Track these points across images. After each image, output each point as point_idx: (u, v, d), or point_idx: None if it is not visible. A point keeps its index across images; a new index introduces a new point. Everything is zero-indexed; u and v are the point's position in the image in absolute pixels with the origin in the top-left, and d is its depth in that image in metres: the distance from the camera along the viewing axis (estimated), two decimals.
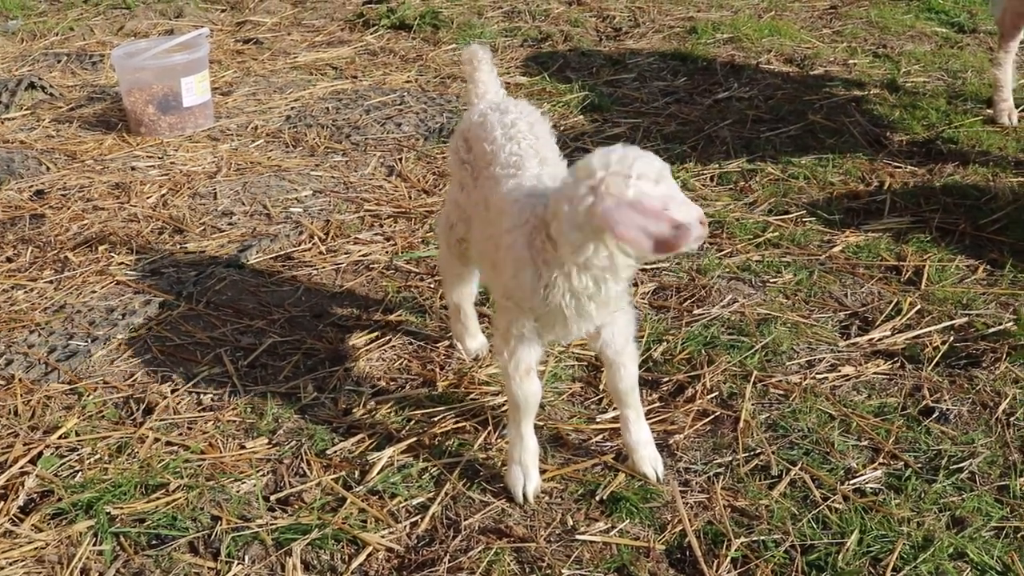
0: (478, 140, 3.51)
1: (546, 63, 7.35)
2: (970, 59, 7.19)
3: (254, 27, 8.49)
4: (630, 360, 3.37)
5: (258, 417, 3.83)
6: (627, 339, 3.35)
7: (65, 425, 3.78)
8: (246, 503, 3.42)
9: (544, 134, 3.49)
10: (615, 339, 3.32)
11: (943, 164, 5.61)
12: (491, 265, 3.35)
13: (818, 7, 8.56)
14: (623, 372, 3.37)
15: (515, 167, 3.31)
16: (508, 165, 3.34)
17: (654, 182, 2.80)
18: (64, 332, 4.36)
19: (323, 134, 6.29)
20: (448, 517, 3.34)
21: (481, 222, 3.45)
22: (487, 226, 3.37)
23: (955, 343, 4.11)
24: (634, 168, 2.79)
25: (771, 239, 4.92)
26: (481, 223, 3.45)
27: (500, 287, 3.24)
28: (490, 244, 3.31)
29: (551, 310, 3.09)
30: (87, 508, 3.38)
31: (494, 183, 3.35)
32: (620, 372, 3.36)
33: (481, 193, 3.46)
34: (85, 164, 5.98)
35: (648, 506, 3.33)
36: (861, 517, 3.26)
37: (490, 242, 3.31)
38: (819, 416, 3.73)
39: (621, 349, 3.33)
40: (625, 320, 3.34)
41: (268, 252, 4.95)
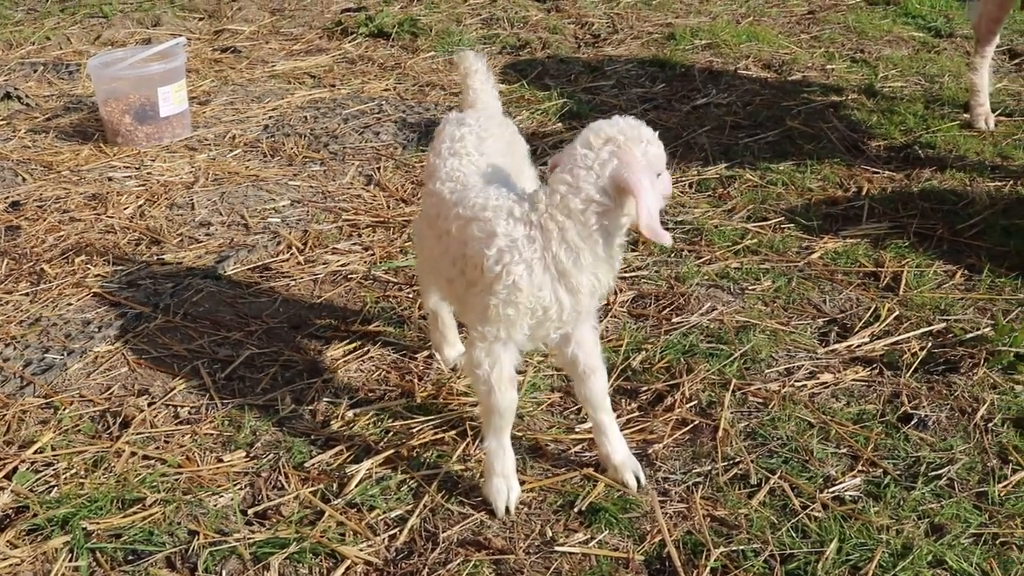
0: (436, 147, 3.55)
1: (524, 70, 7.34)
2: (947, 64, 7.22)
3: (232, 36, 8.46)
4: (601, 363, 3.38)
5: (235, 430, 3.80)
6: (595, 340, 3.37)
7: (40, 440, 3.75)
8: (223, 517, 3.39)
9: (495, 151, 3.48)
10: (585, 340, 3.33)
11: (921, 169, 5.63)
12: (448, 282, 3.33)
13: (796, 12, 8.59)
14: (598, 374, 3.38)
15: (459, 183, 3.32)
16: (449, 179, 3.35)
17: (657, 146, 3.02)
18: (40, 345, 4.33)
19: (301, 143, 6.27)
20: (427, 529, 3.32)
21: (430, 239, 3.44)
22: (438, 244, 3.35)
23: (933, 349, 4.12)
24: (644, 133, 2.99)
25: (750, 246, 4.92)
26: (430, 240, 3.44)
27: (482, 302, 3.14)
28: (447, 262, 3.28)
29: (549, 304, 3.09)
30: (63, 524, 3.35)
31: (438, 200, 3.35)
32: (595, 375, 3.37)
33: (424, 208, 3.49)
34: (61, 175, 5.94)
35: (627, 516, 3.32)
36: (840, 525, 3.26)
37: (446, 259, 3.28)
38: (798, 424, 3.73)
39: (591, 351, 3.35)
40: (591, 325, 3.36)
41: (246, 263, 4.92)
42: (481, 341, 3.20)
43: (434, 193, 3.39)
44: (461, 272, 3.21)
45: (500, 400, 3.23)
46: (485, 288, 3.10)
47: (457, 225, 3.20)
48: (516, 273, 3.03)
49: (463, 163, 3.38)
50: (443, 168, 3.39)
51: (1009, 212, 5.10)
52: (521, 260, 3.03)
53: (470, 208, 3.16)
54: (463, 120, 3.56)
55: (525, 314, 3.11)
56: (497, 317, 3.13)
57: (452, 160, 3.40)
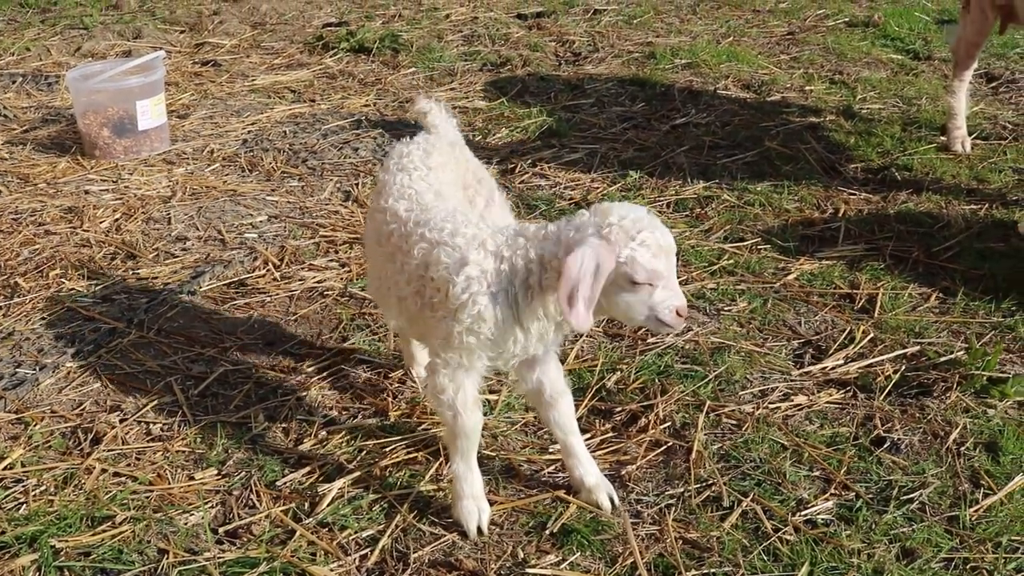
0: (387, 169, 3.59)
1: (505, 88, 7.35)
2: (925, 86, 7.26)
3: (213, 49, 8.45)
4: (566, 387, 3.41)
5: (208, 447, 3.78)
6: (558, 367, 3.41)
7: (10, 456, 3.72)
8: (194, 536, 3.37)
9: (439, 164, 3.52)
10: (549, 368, 3.37)
11: (897, 192, 5.66)
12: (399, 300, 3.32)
13: (776, 33, 8.63)
14: (566, 399, 3.39)
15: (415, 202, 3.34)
16: (401, 197, 3.37)
17: (652, 254, 2.91)
18: (12, 360, 4.30)
19: (280, 158, 6.26)
20: (398, 550, 3.31)
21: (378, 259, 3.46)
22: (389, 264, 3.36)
23: (907, 372, 4.13)
24: (642, 233, 2.91)
25: (726, 267, 4.93)
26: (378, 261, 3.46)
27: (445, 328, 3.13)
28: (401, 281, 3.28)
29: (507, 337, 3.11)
30: (31, 541, 3.32)
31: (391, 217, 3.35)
32: (563, 399, 3.38)
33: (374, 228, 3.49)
34: (38, 187, 5.92)
35: (599, 538, 3.32)
36: (812, 549, 3.26)
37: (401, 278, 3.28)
38: (771, 446, 3.73)
39: (556, 378, 3.38)
40: (552, 352, 3.39)
41: (221, 278, 4.91)
42: (444, 367, 3.21)
43: (385, 210, 3.39)
44: (417, 292, 3.21)
45: (466, 423, 3.23)
46: (448, 314, 3.10)
47: (420, 247, 3.19)
48: (481, 304, 3.04)
49: (413, 179, 3.40)
50: (393, 185, 3.42)
51: (984, 235, 5.13)
52: (487, 292, 3.04)
53: (438, 232, 3.16)
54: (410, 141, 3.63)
55: (486, 344, 3.12)
56: (459, 344, 3.13)
57: (401, 176, 3.43)
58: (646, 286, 2.93)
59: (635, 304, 2.97)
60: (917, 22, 8.75)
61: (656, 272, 2.92)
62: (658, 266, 2.92)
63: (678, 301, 2.96)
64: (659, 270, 2.92)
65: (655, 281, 2.93)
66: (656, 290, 2.94)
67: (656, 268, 2.91)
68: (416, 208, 3.31)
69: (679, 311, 2.96)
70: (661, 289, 2.94)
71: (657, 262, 2.91)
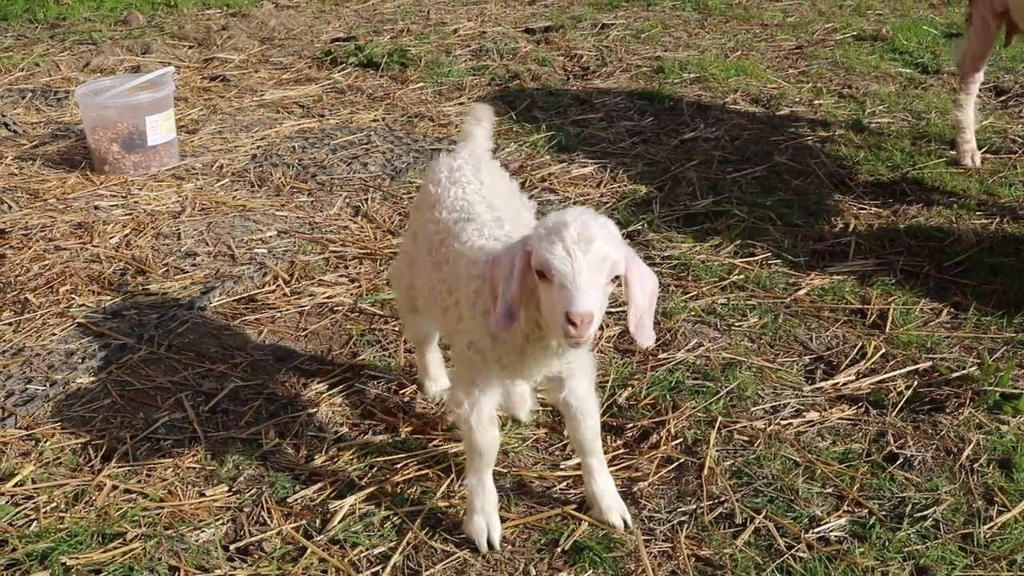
0: (426, 184, 3.57)
1: (513, 102, 7.36)
2: (934, 100, 7.25)
3: (221, 64, 8.46)
4: (593, 409, 3.34)
5: (219, 464, 3.78)
6: (589, 388, 3.32)
7: (21, 472, 3.72)
8: (205, 552, 3.36)
9: (491, 180, 3.51)
10: (577, 388, 3.28)
11: (907, 206, 5.65)
12: (443, 310, 3.32)
13: (784, 47, 8.62)
14: (588, 422, 3.34)
15: (463, 212, 3.32)
16: (455, 209, 3.34)
17: (551, 243, 2.71)
18: (22, 376, 4.30)
19: (289, 173, 6.26)
20: (410, 567, 3.30)
21: (427, 268, 3.44)
22: (436, 272, 3.35)
23: (919, 388, 4.11)
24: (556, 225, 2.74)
25: (736, 282, 4.92)
26: (427, 269, 3.43)
27: (461, 336, 3.20)
28: (443, 290, 3.29)
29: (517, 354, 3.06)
30: (42, 558, 3.31)
31: (442, 228, 3.35)
32: (584, 423, 3.33)
33: (425, 237, 3.45)
34: (48, 203, 5.92)
35: (612, 555, 3.30)
36: (825, 566, 3.24)
37: (443, 287, 3.29)
38: (784, 463, 3.72)
39: (584, 397, 3.30)
40: (587, 365, 3.31)
41: (232, 294, 4.90)
42: (459, 382, 3.22)
43: (439, 221, 3.37)
44: (456, 303, 3.22)
45: (480, 440, 3.22)
46: (465, 327, 3.11)
47: (453, 256, 3.22)
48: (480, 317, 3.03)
49: (467, 192, 3.39)
50: (447, 197, 3.40)
51: (995, 250, 5.11)
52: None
53: (464, 243, 3.19)
54: (456, 154, 3.61)
55: (493, 361, 3.10)
56: (469, 359, 3.14)
57: (455, 189, 3.41)
58: (555, 284, 2.71)
59: (546, 303, 2.78)
60: (925, 36, 8.74)
61: (548, 263, 2.69)
62: (553, 258, 2.68)
63: (570, 304, 2.66)
64: (552, 262, 2.68)
65: (552, 275, 2.70)
66: (555, 288, 2.71)
67: (548, 259, 2.69)
68: (462, 217, 3.30)
69: (569, 316, 2.65)
70: (559, 287, 2.69)
71: (554, 251, 2.69)
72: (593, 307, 2.67)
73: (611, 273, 2.75)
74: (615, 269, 2.76)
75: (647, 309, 2.89)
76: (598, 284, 2.71)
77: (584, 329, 2.65)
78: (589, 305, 2.66)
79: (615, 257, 2.74)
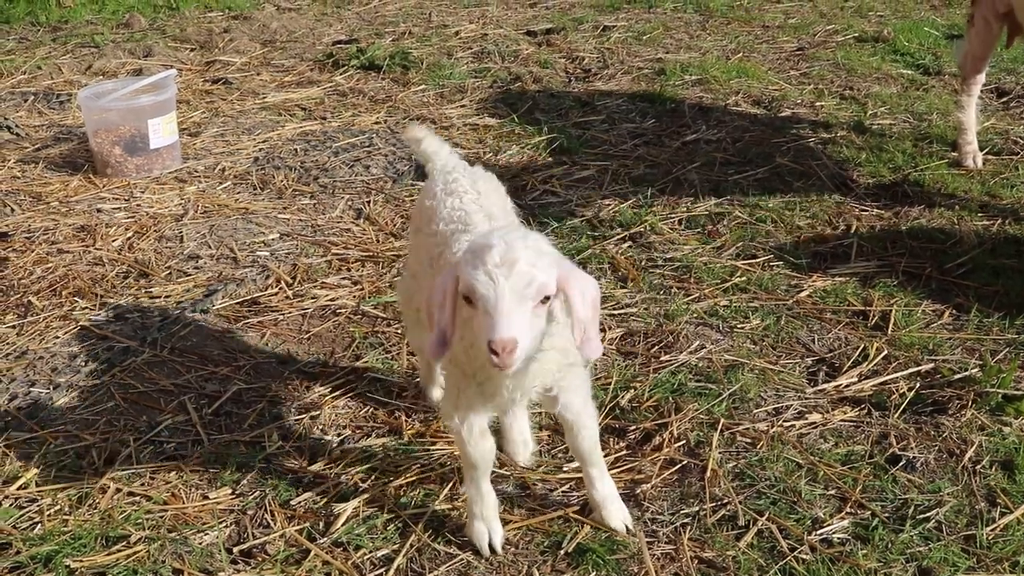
0: (422, 198, 3.53)
1: (515, 104, 7.36)
2: (935, 101, 7.25)
3: (223, 67, 8.47)
4: (590, 420, 3.28)
5: (221, 467, 3.78)
6: (584, 399, 3.25)
7: (25, 475, 3.73)
8: (208, 555, 3.37)
9: (488, 190, 3.47)
10: (572, 401, 3.20)
11: (909, 207, 5.65)
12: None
13: (785, 49, 8.63)
14: (584, 433, 3.28)
15: (461, 223, 3.28)
16: (452, 220, 3.31)
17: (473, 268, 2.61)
18: (25, 379, 4.31)
19: (291, 176, 6.27)
20: (413, 569, 3.30)
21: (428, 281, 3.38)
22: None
23: (921, 390, 4.11)
24: (481, 247, 2.65)
25: (739, 283, 4.92)
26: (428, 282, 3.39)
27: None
28: None
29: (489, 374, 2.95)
30: (46, 561, 3.32)
31: (439, 240, 3.32)
32: (581, 433, 3.28)
33: (425, 251, 3.43)
34: (50, 206, 5.93)
35: (615, 558, 3.31)
36: (828, 568, 3.25)
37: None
38: (786, 465, 3.72)
39: (580, 410, 3.23)
40: (579, 380, 3.20)
41: (234, 297, 4.91)
42: (448, 396, 3.19)
43: (436, 233, 3.35)
44: None
45: (473, 452, 3.19)
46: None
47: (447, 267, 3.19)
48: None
49: (464, 201, 3.37)
50: (443, 208, 3.37)
51: (997, 251, 5.11)
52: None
53: (455, 254, 3.16)
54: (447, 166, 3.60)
55: (470, 376, 3.01)
56: (451, 372, 3.10)
57: (452, 200, 3.39)
58: (479, 310, 2.63)
59: (477, 327, 2.68)
60: (927, 37, 8.75)
61: (471, 288, 2.60)
62: (476, 284, 2.59)
63: (491, 332, 2.56)
64: (476, 288, 2.59)
65: (476, 300, 2.61)
66: (479, 314, 2.63)
67: (471, 284, 2.60)
68: (459, 228, 3.27)
69: (491, 345, 2.55)
70: (482, 313, 2.61)
71: (476, 276, 2.59)
72: (517, 333, 2.56)
73: (539, 295, 2.63)
74: (543, 290, 2.64)
75: (591, 320, 2.80)
76: (523, 309, 2.60)
77: (507, 357, 2.55)
78: (511, 332, 2.55)
79: (542, 279, 2.62)
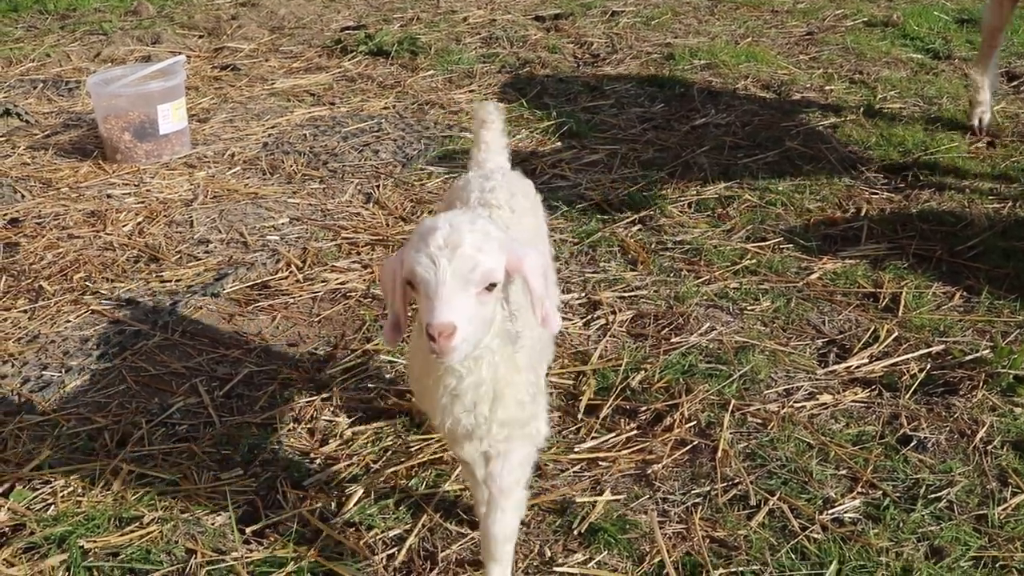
0: (452, 195, 3.33)
1: (524, 89, 7.35)
2: (946, 86, 7.23)
3: (231, 53, 8.47)
4: (513, 507, 2.90)
5: (233, 448, 3.79)
6: (516, 481, 2.88)
7: (38, 457, 3.74)
8: (221, 535, 3.38)
9: (523, 209, 3.23)
10: (503, 475, 2.85)
11: (919, 191, 5.64)
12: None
13: (794, 33, 8.61)
14: (499, 516, 2.88)
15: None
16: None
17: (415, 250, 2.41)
18: (37, 362, 4.32)
19: (300, 161, 6.27)
20: (425, 549, 3.31)
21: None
22: None
23: (932, 371, 4.11)
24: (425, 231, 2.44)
25: (749, 266, 4.92)
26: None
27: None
28: None
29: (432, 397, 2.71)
30: (60, 542, 3.33)
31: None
32: (496, 516, 2.88)
33: None
34: (60, 192, 5.94)
35: (626, 537, 3.31)
36: (840, 547, 3.25)
37: None
38: (797, 445, 3.72)
39: (507, 489, 2.86)
40: (521, 456, 2.87)
41: (245, 280, 4.92)
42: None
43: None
44: None
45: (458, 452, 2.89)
46: None
47: None
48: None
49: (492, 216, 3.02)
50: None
51: (1008, 234, 5.11)
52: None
53: None
54: (486, 173, 3.32)
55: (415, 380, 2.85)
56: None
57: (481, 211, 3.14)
58: (420, 295, 2.43)
59: (419, 315, 2.50)
60: (936, 21, 8.72)
61: (412, 272, 2.40)
62: (417, 267, 2.39)
63: (429, 316, 2.35)
64: (416, 271, 2.39)
65: (417, 284, 2.41)
66: (420, 298, 2.43)
67: (413, 267, 2.40)
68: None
69: (428, 329, 2.34)
70: (423, 298, 2.41)
71: (418, 259, 2.39)
72: (456, 318, 2.35)
73: (484, 281, 2.42)
74: (489, 277, 2.42)
75: (550, 294, 2.69)
76: (466, 294, 2.39)
77: (445, 343, 2.34)
78: (450, 316, 2.34)
79: (488, 265, 2.41)
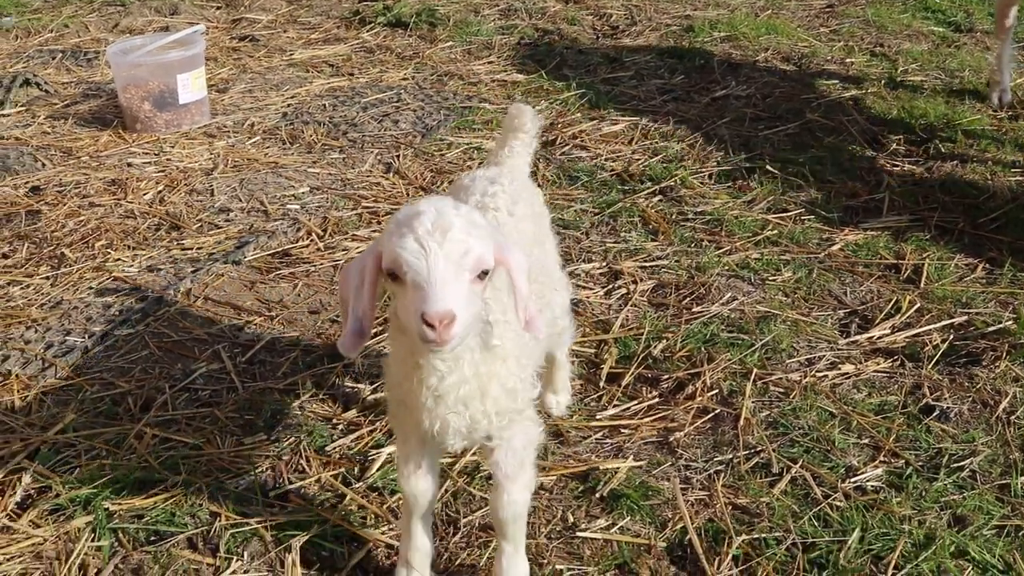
0: (456, 190, 3.22)
1: (543, 60, 7.33)
2: (967, 58, 7.19)
3: (249, 24, 8.46)
4: (520, 489, 2.84)
5: (256, 413, 3.80)
6: (522, 463, 2.82)
7: (62, 421, 3.76)
8: (245, 499, 3.39)
9: (523, 215, 3.10)
10: (507, 461, 2.80)
11: (941, 163, 5.61)
12: None
13: (815, 5, 8.56)
14: (506, 499, 2.82)
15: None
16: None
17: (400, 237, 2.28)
18: (61, 328, 4.34)
19: (320, 131, 6.27)
20: (447, 514, 3.32)
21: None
22: None
23: (955, 341, 4.10)
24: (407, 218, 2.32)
25: (770, 237, 4.91)
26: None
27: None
28: None
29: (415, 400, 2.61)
30: (85, 504, 3.35)
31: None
32: (504, 499, 2.82)
33: None
34: (81, 161, 5.95)
35: (649, 503, 3.32)
36: (862, 515, 3.25)
37: None
38: (819, 414, 3.72)
39: (512, 475, 2.81)
40: (523, 438, 2.82)
41: (266, 249, 4.92)
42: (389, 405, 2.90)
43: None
44: None
45: (403, 486, 2.89)
46: None
47: None
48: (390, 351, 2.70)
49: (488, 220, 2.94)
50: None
51: None
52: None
53: None
54: (491, 175, 3.18)
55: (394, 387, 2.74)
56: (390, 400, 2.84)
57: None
58: (408, 284, 2.28)
59: (402, 309, 2.36)
60: None
61: (398, 260, 2.27)
62: (404, 253, 2.25)
63: (424, 303, 2.22)
64: (404, 258, 2.26)
65: (404, 273, 2.27)
66: (408, 288, 2.29)
67: (399, 255, 2.26)
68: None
69: (424, 316, 2.21)
70: (413, 287, 2.26)
71: (405, 245, 2.26)
72: (455, 305, 2.24)
73: (476, 268, 2.31)
74: (481, 263, 2.32)
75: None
76: (460, 280, 2.28)
77: (444, 331, 2.23)
78: (448, 303, 2.23)
79: (479, 250, 2.31)
